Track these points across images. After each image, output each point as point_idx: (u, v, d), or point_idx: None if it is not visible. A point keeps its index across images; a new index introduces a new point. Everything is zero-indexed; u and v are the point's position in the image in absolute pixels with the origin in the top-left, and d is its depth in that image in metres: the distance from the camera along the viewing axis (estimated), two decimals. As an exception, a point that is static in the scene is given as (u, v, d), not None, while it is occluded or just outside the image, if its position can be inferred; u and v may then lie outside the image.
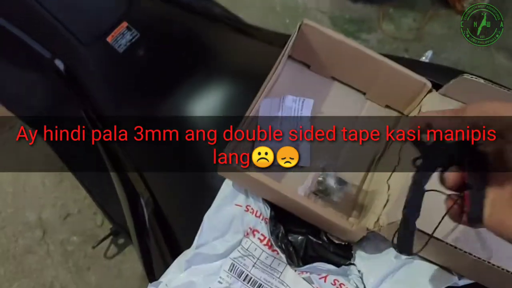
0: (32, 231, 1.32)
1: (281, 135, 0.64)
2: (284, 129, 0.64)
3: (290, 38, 0.64)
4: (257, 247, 0.55)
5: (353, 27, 1.71)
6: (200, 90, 0.72)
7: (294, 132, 0.64)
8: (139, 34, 0.81)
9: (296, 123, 0.65)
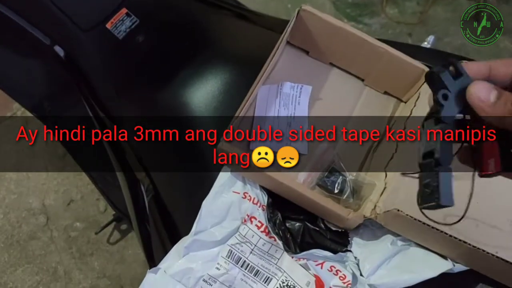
0: (36, 217, 1.34)
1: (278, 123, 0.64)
2: (281, 116, 0.64)
3: (288, 24, 0.63)
4: (254, 234, 0.56)
5: (356, 11, 1.70)
6: (200, 76, 0.72)
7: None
8: (138, 20, 0.81)
9: (294, 112, 0.65)
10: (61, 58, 0.85)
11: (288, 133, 0.63)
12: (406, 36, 1.64)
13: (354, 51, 0.65)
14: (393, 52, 0.62)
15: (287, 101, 0.65)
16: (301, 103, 0.65)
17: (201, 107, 0.69)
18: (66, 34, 0.82)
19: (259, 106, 0.65)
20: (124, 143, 0.78)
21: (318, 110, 0.66)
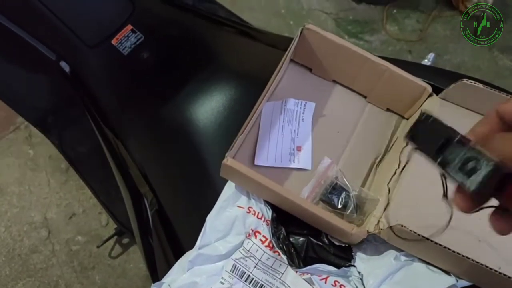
0: (38, 231, 1.34)
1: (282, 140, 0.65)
2: (285, 132, 0.65)
3: (292, 42, 0.64)
4: (258, 248, 0.56)
5: (357, 28, 1.72)
6: (204, 92, 0.73)
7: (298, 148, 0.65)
8: (143, 36, 0.82)
9: (297, 128, 0.66)
10: (66, 74, 0.86)
11: (292, 149, 0.64)
12: (406, 53, 1.66)
13: (356, 68, 0.66)
14: (394, 69, 0.63)
15: (291, 117, 0.66)
16: (305, 119, 0.66)
17: (206, 122, 0.70)
18: (72, 50, 0.83)
19: (263, 122, 0.66)
20: (128, 157, 0.79)
21: (321, 126, 0.67)
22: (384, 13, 1.73)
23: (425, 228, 0.49)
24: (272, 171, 0.63)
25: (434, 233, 0.48)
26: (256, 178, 0.54)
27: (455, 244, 0.47)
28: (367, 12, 1.75)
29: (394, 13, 1.74)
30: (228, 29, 0.92)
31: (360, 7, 1.76)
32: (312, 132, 0.66)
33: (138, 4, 0.84)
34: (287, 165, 0.63)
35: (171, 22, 0.88)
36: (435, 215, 0.54)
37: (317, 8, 1.75)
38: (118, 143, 0.81)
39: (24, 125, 1.47)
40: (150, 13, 0.87)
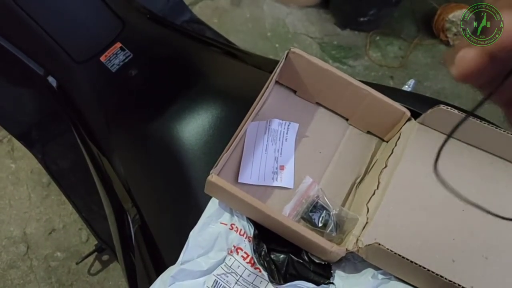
0: (16, 246, 1.32)
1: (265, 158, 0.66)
2: (269, 151, 0.67)
3: (278, 65, 0.66)
4: (240, 265, 0.57)
5: (341, 53, 1.76)
6: (191, 111, 0.74)
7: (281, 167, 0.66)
8: (132, 54, 0.83)
9: (281, 147, 0.67)
10: (53, 88, 0.86)
11: (275, 168, 0.66)
12: (388, 78, 1.70)
13: (339, 92, 0.68)
14: (375, 94, 0.66)
15: (275, 137, 0.68)
16: (288, 140, 0.68)
17: (192, 140, 0.71)
18: (60, 66, 0.84)
19: (248, 141, 0.67)
20: (112, 173, 0.79)
21: (304, 147, 0.69)
22: (367, 39, 1.78)
23: (401, 247, 0.50)
24: (255, 189, 0.64)
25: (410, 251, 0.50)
26: (239, 195, 0.55)
27: (430, 263, 0.49)
28: (351, 38, 1.80)
29: (377, 40, 1.79)
30: (215, 49, 0.94)
31: (344, 33, 1.81)
32: (295, 152, 0.68)
33: (128, 23, 0.86)
34: (269, 184, 0.64)
35: (160, 41, 0.90)
36: (411, 235, 0.56)
37: (302, 32, 1.79)
38: (103, 159, 0.81)
39: (7, 138, 1.46)
40: (140, 31, 0.89)
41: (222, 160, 0.58)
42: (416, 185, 0.60)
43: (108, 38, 0.84)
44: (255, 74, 0.85)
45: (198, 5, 1.81)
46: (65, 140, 1.02)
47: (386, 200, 0.58)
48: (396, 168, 0.61)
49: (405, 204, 0.59)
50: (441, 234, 0.56)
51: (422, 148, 0.63)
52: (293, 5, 1.84)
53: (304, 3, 1.84)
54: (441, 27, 1.73)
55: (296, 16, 1.82)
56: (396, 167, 0.61)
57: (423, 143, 0.64)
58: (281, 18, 1.81)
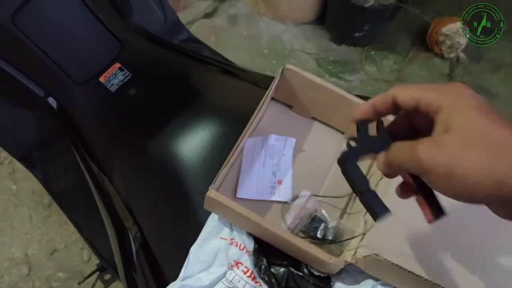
0: (18, 267, 1.32)
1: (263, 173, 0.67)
2: (266, 166, 0.68)
3: (273, 81, 0.68)
4: (240, 279, 0.58)
5: (337, 68, 1.78)
6: (189, 128, 0.75)
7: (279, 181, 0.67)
8: (131, 74, 0.84)
9: (278, 162, 0.68)
10: (53, 109, 0.87)
11: (273, 182, 0.66)
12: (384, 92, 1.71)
13: (333, 106, 0.69)
14: (370, 107, 0.67)
15: (272, 152, 0.69)
16: (285, 154, 0.69)
17: (191, 157, 0.72)
18: (60, 87, 0.85)
19: (246, 156, 0.68)
20: (113, 191, 0.80)
21: (301, 161, 0.70)
22: (363, 54, 1.80)
23: (399, 257, 0.51)
24: (253, 203, 0.65)
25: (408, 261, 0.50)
26: (238, 210, 0.56)
27: (428, 272, 0.50)
28: (347, 53, 1.82)
29: (372, 54, 1.81)
30: (213, 68, 0.96)
31: (340, 48, 1.83)
32: (292, 166, 0.69)
33: (126, 43, 0.87)
34: (267, 198, 0.65)
35: (158, 61, 0.91)
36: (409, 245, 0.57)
37: (299, 48, 1.81)
38: (103, 177, 0.82)
39: (8, 160, 1.47)
40: (138, 52, 0.90)
41: (221, 176, 0.59)
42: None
43: (107, 59, 0.85)
44: (252, 91, 0.87)
45: (195, 24, 1.83)
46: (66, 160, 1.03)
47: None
48: (392, 179, 0.62)
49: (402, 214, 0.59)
50: (439, 243, 0.57)
51: None
52: (289, 22, 1.86)
53: (300, 19, 1.87)
54: (435, 40, 1.75)
55: (293, 33, 1.85)
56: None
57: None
58: (277, 35, 1.84)
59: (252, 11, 1.90)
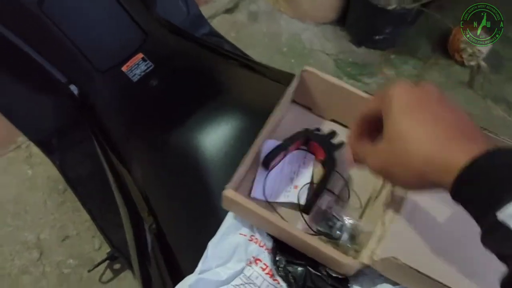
0: (30, 251, 1.33)
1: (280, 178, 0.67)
2: (285, 171, 0.67)
3: (292, 83, 0.67)
4: (258, 276, 0.58)
5: (356, 70, 1.77)
6: (211, 121, 0.75)
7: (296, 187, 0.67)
8: (153, 65, 0.85)
9: (298, 170, 0.68)
10: (75, 96, 0.88)
11: (289, 187, 0.66)
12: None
13: (353, 108, 0.68)
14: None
15: (292, 160, 0.68)
16: (306, 163, 0.68)
17: (212, 151, 0.72)
18: (82, 74, 0.86)
19: (265, 155, 0.67)
20: (130, 181, 0.80)
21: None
22: (382, 57, 1.79)
23: (417, 261, 0.50)
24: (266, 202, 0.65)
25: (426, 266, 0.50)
26: (255, 209, 0.55)
27: (448, 277, 0.49)
28: (366, 56, 1.81)
29: (392, 58, 1.80)
30: (234, 62, 0.95)
31: (360, 50, 1.82)
32: (312, 175, 0.68)
33: (150, 34, 0.87)
34: (281, 200, 0.65)
35: (180, 53, 0.91)
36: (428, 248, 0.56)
37: (318, 48, 1.80)
38: (121, 167, 0.82)
39: (25, 144, 1.48)
40: (161, 43, 0.90)
41: (237, 174, 0.59)
42: (432, 198, 0.60)
43: (130, 49, 0.85)
44: (273, 87, 0.86)
45: (216, 19, 1.83)
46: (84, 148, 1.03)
47: (402, 213, 0.59)
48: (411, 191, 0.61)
49: (421, 217, 0.59)
50: (459, 247, 0.56)
51: None
52: (309, 21, 1.86)
53: (321, 19, 1.86)
54: (456, 47, 1.74)
55: (312, 32, 1.84)
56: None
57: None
58: (297, 34, 1.83)
59: (273, 9, 1.90)
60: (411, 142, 0.39)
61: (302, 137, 0.67)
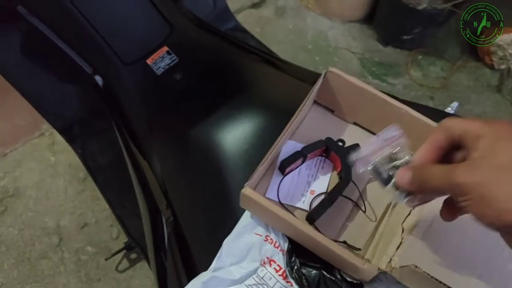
0: (49, 237, 1.36)
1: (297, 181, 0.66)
2: (302, 175, 0.67)
3: (315, 84, 0.66)
4: (272, 277, 0.57)
5: (381, 70, 1.74)
6: (233, 118, 0.75)
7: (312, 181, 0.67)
8: (178, 59, 0.85)
9: (315, 174, 0.67)
10: (99, 87, 0.89)
11: (305, 191, 0.65)
12: (428, 99, 1.68)
13: (376, 111, 0.67)
14: (413, 113, 0.64)
15: (311, 164, 0.67)
16: (324, 168, 0.68)
17: (233, 148, 0.71)
18: (107, 65, 0.86)
19: (282, 159, 0.66)
20: (150, 173, 0.80)
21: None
22: (409, 58, 1.76)
23: (436, 270, 0.49)
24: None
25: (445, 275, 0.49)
26: (272, 208, 0.55)
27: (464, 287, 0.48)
28: (393, 56, 1.78)
29: (419, 59, 1.77)
30: (258, 58, 0.95)
31: (386, 49, 1.79)
32: (329, 181, 0.67)
33: (176, 27, 0.87)
34: (295, 204, 0.64)
35: (205, 48, 0.91)
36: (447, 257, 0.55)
37: (343, 46, 1.78)
38: (141, 158, 0.83)
39: (49, 132, 1.50)
40: (187, 36, 0.90)
41: (257, 174, 0.58)
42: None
43: (155, 42, 0.86)
44: (297, 86, 0.86)
45: (242, 13, 1.83)
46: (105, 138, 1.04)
47: (422, 221, 0.58)
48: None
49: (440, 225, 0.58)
50: (478, 257, 0.55)
51: None
52: (336, 19, 1.84)
53: (348, 17, 1.84)
54: (487, 50, 1.70)
55: (339, 30, 1.82)
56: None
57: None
58: (323, 31, 1.81)
59: (300, 5, 1.88)
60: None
61: (322, 146, 0.66)
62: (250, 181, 0.57)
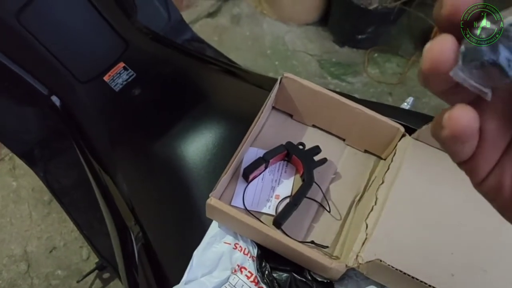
0: (17, 264, 1.32)
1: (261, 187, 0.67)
2: (265, 180, 0.67)
3: (272, 90, 0.68)
4: (244, 284, 0.58)
5: (340, 70, 1.77)
6: (194, 130, 0.75)
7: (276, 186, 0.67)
8: (135, 74, 0.84)
9: (279, 178, 0.68)
10: (57, 108, 0.87)
11: (270, 196, 0.66)
12: (387, 95, 1.72)
13: (333, 113, 0.69)
14: (368, 112, 0.67)
15: (274, 169, 0.68)
16: (287, 172, 0.69)
17: (196, 159, 0.72)
18: (64, 85, 0.85)
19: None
20: (115, 191, 0.80)
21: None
22: (365, 56, 1.80)
23: (401, 262, 0.51)
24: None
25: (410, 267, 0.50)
26: (238, 216, 0.55)
27: (430, 278, 0.50)
28: (350, 55, 1.81)
29: (375, 57, 1.81)
30: (216, 68, 0.95)
31: (343, 50, 1.82)
32: (292, 184, 0.68)
33: (131, 43, 0.87)
34: (260, 210, 0.65)
35: (162, 61, 0.91)
36: (411, 250, 0.57)
37: (301, 49, 1.81)
38: (105, 176, 0.82)
39: (9, 156, 1.46)
40: (142, 51, 0.90)
41: (221, 183, 0.59)
42: (413, 200, 0.61)
43: (111, 58, 0.85)
44: (256, 93, 0.86)
45: (198, 23, 1.83)
46: (67, 158, 1.03)
47: (385, 215, 0.59)
48: (393, 183, 0.62)
49: (403, 219, 0.60)
50: (440, 248, 0.57)
51: (418, 163, 0.64)
52: (292, 23, 1.86)
53: (303, 21, 1.87)
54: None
55: (295, 34, 1.85)
56: (393, 182, 0.62)
57: (418, 158, 0.65)
58: (280, 36, 1.83)
59: (255, 11, 1.90)
60: None
61: (284, 151, 0.67)
62: (215, 191, 0.57)
